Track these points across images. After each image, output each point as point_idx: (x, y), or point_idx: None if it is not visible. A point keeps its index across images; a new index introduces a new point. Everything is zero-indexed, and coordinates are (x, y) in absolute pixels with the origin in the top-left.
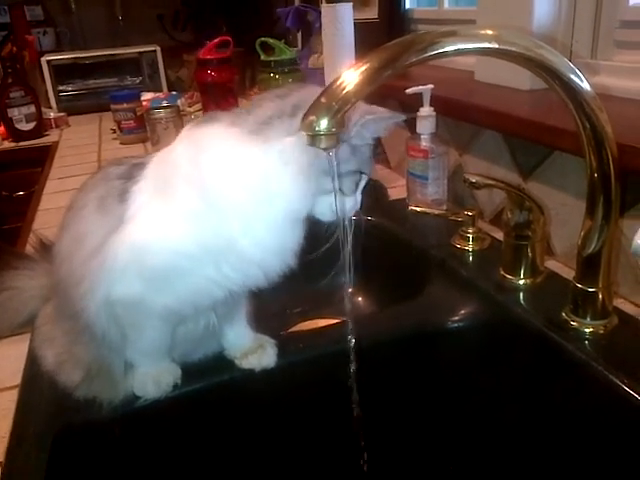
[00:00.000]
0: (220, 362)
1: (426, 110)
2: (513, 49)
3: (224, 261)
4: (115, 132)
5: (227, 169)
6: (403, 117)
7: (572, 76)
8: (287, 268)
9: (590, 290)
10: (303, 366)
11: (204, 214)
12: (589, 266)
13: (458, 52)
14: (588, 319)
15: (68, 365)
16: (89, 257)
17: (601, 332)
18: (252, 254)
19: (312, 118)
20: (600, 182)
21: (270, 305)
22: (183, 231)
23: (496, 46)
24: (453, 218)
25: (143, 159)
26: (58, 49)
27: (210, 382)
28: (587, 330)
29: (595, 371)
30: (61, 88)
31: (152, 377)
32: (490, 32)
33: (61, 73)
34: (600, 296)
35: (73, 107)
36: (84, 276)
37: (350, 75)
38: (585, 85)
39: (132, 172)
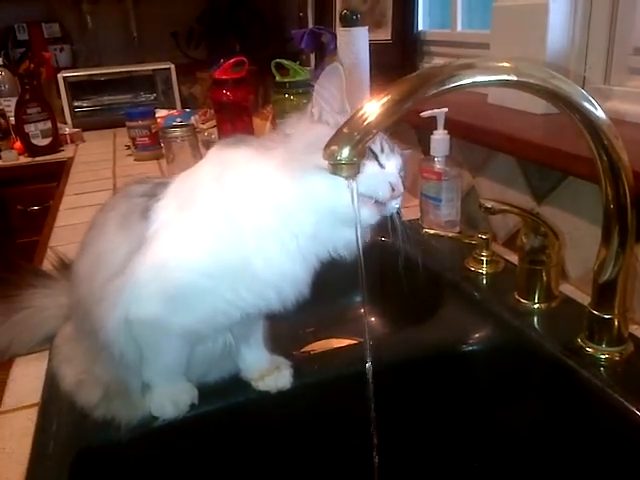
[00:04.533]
0: (236, 383)
1: (440, 133)
2: (531, 81)
3: (240, 282)
4: (129, 148)
5: (251, 190)
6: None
7: (587, 105)
8: (300, 296)
9: (606, 317)
10: (318, 388)
11: (224, 232)
12: (605, 293)
13: (476, 85)
14: (604, 345)
15: (87, 385)
16: (110, 277)
17: (617, 359)
18: (265, 276)
19: (334, 148)
20: (616, 210)
21: (283, 324)
22: (204, 250)
23: (514, 79)
24: (467, 241)
25: (166, 179)
26: (74, 66)
27: (226, 403)
28: (602, 357)
29: (611, 398)
30: (76, 104)
31: (169, 397)
32: (507, 65)
33: (77, 89)
34: (616, 323)
35: (88, 123)
36: (105, 296)
37: (371, 107)
38: (600, 114)
39: (155, 190)
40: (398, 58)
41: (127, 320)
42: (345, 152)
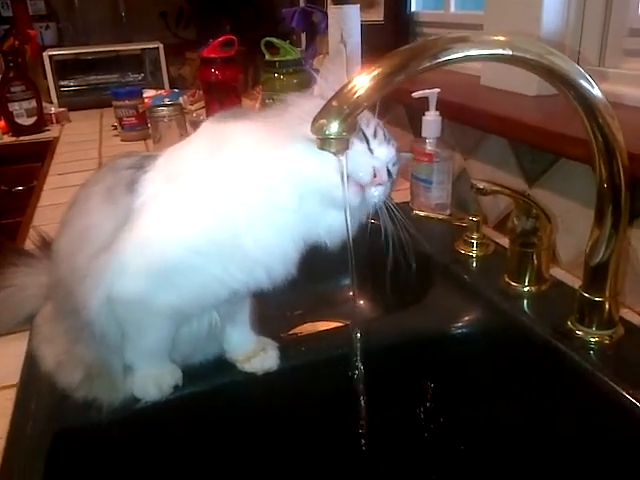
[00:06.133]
0: (221, 365)
1: (432, 114)
2: (526, 56)
3: (230, 259)
4: (116, 129)
5: (247, 164)
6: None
7: (584, 83)
8: (289, 275)
9: (597, 300)
10: (305, 370)
11: (214, 206)
12: (596, 275)
13: (470, 58)
14: (594, 329)
15: (68, 366)
16: (94, 254)
17: (607, 342)
18: (254, 252)
19: (323, 121)
20: (610, 191)
21: (270, 306)
22: (193, 224)
23: (510, 53)
24: (457, 223)
25: (155, 152)
26: (60, 44)
27: (211, 385)
28: (593, 340)
29: (600, 381)
30: (62, 83)
31: (153, 379)
32: (502, 38)
33: (63, 68)
34: (607, 306)
35: (74, 103)
36: (89, 273)
37: (361, 80)
38: (597, 92)
39: (143, 162)
40: (390, 39)
41: (110, 298)
42: (334, 126)
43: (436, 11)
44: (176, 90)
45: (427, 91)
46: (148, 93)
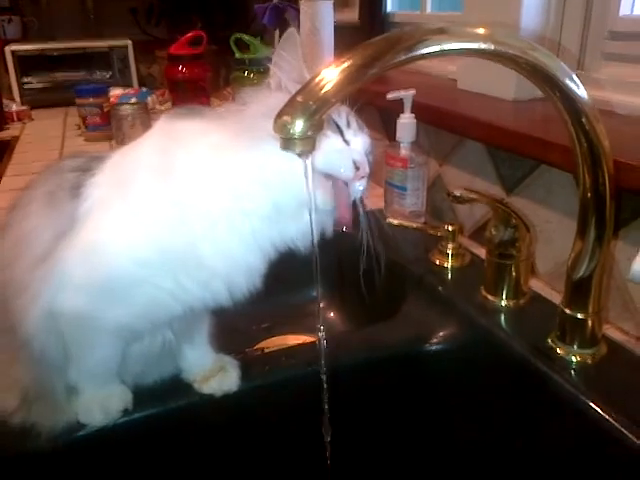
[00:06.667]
0: (177, 385)
1: (407, 117)
2: (509, 51)
3: (183, 270)
4: (80, 128)
5: (202, 166)
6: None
7: (569, 82)
8: (253, 288)
9: (579, 316)
10: (269, 390)
11: (166, 213)
12: (579, 291)
13: (448, 52)
14: (575, 347)
15: (2, 388)
16: (33, 263)
17: (589, 362)
18: (213, 263)
19: (286, 119)
20: (593, 201)
21: (233, 319)
22: (142, 233)
23: (491, 47)
24: (432, 232)
25: (104, 153)
26: (24, 39)
27: (165, 407)
28: (574, 359)
29: (582, 404)
30: (26, 80)
31: (99, 402)
32: (483, 31)
33: (26, 64)
34: (590, 323)
35: (38, 100)
36: (27, 285)
37: (330, 73)
38: (582, 92)
39: (89, 164)
40: (365, 40)
41: (51, 313)
42: (299, 125)
43: (412, 12)
44: (144, 89)
45: (402, 92)
46: (115, 91)
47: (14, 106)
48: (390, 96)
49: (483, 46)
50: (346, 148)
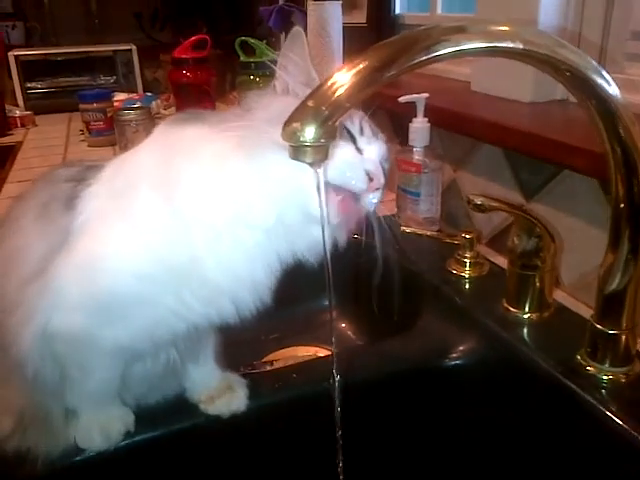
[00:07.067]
0: (181, 406)
1: (420, 121)
2: (539, 50)
3: (186, 286)
4: (83, 133)
5: (203, 177)
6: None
7: (601, 81)
8: (261, 304)
9: (612, 332)
10: (279, 410)
11: (167, 226)
12: (611, 305)
13: (471, 52)
14: (607, 365)
15: None
16: (26, 280)
17: (622, 381)
18: (217, 278)
19: (296, 125)
20: (627, 211)
21: (242, 330)
22: (142, 247)
23: (520, 46)
24: (449, 240)
25: (101, 162)
26: (28, 44)
27: (169, 429)
28: (605, 377)
29: (614, 426)
30: (30, 85)
31: (99, 425)
32: (508, 29)
33: (30, 70)
34: (623, 339)
35: (42, 106)
36: (20, 302)
37: (343, 76)
38: (615, 92)
39: (85, 174)
40: (374, 43)
41: (45, 333)
42: (310, 132)
43: (422, 13)
44: (149, 94)
45: (415, 96)
46: (119, 96)
47: (17, 111)
48: (402, 99)
49: (511, 45)
50: (358, 158)
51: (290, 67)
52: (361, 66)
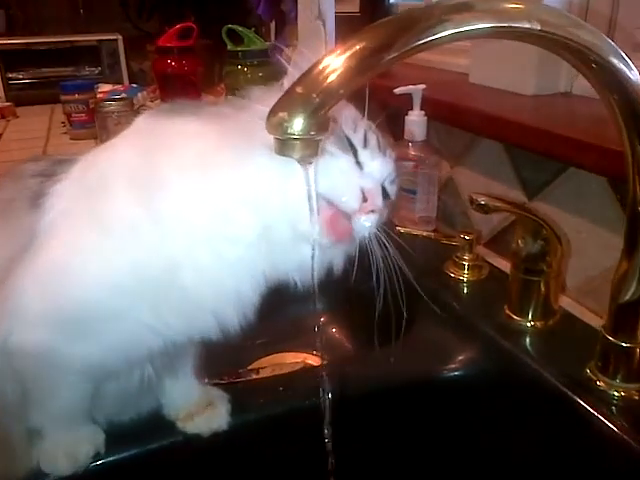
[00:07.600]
0: (158, 423)
1: (416, 113)
2: (557, 32)
3: (163, 300)
4: (65, 125)
5: (186, 178)
6: None
7: (622, 66)
8: (245, 320)
9: (625, 345)
10: (264, 427)
11: (142, 231)
12: (625, 315)
13: (476, 33)
14: (619, 380)
15: None
16: None
17: (635, 397)
18: (197, 293)
19: (282, 115)
20: None
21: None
22: (115, 254)
23: (537, 27)
24: (447, 242)
25: (73, 156)
26: (9, 33)
27: (144, 449)
28: (617, 393)
29: (626, 445)
30: (11, 76)
31: (64, 448)
32: (521, 6)
33: (12, 59)
34: (638, 353)
35: (24, 97)
36: None
37: (336, 59)
38: (637, 77)
39: (54, 169)
40: None
41: (5, 350)
42: (298, 122)
43: (416, 2)
44: (135, 85)
45: (411, 87)
46: (103, 88)
47: None
48: (398, 91)
49: (529, 26)
50: (355, 172)
51: (304, 65)
52: (357, 47)
